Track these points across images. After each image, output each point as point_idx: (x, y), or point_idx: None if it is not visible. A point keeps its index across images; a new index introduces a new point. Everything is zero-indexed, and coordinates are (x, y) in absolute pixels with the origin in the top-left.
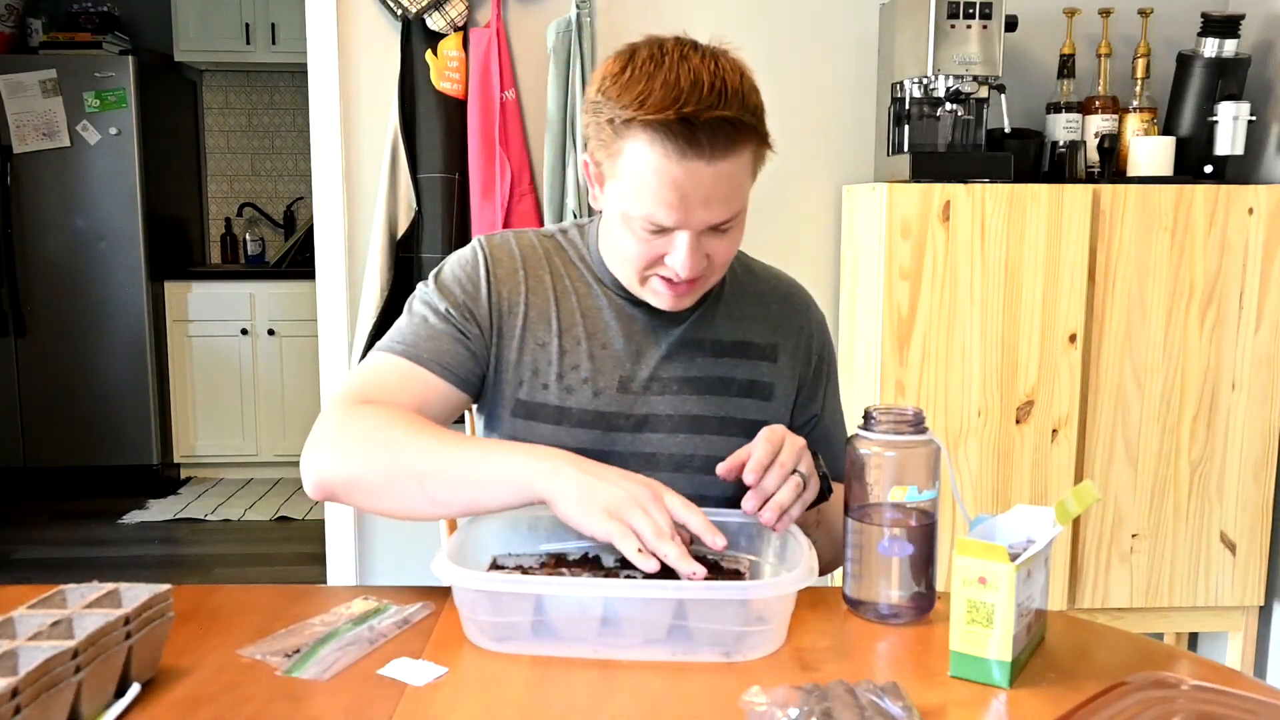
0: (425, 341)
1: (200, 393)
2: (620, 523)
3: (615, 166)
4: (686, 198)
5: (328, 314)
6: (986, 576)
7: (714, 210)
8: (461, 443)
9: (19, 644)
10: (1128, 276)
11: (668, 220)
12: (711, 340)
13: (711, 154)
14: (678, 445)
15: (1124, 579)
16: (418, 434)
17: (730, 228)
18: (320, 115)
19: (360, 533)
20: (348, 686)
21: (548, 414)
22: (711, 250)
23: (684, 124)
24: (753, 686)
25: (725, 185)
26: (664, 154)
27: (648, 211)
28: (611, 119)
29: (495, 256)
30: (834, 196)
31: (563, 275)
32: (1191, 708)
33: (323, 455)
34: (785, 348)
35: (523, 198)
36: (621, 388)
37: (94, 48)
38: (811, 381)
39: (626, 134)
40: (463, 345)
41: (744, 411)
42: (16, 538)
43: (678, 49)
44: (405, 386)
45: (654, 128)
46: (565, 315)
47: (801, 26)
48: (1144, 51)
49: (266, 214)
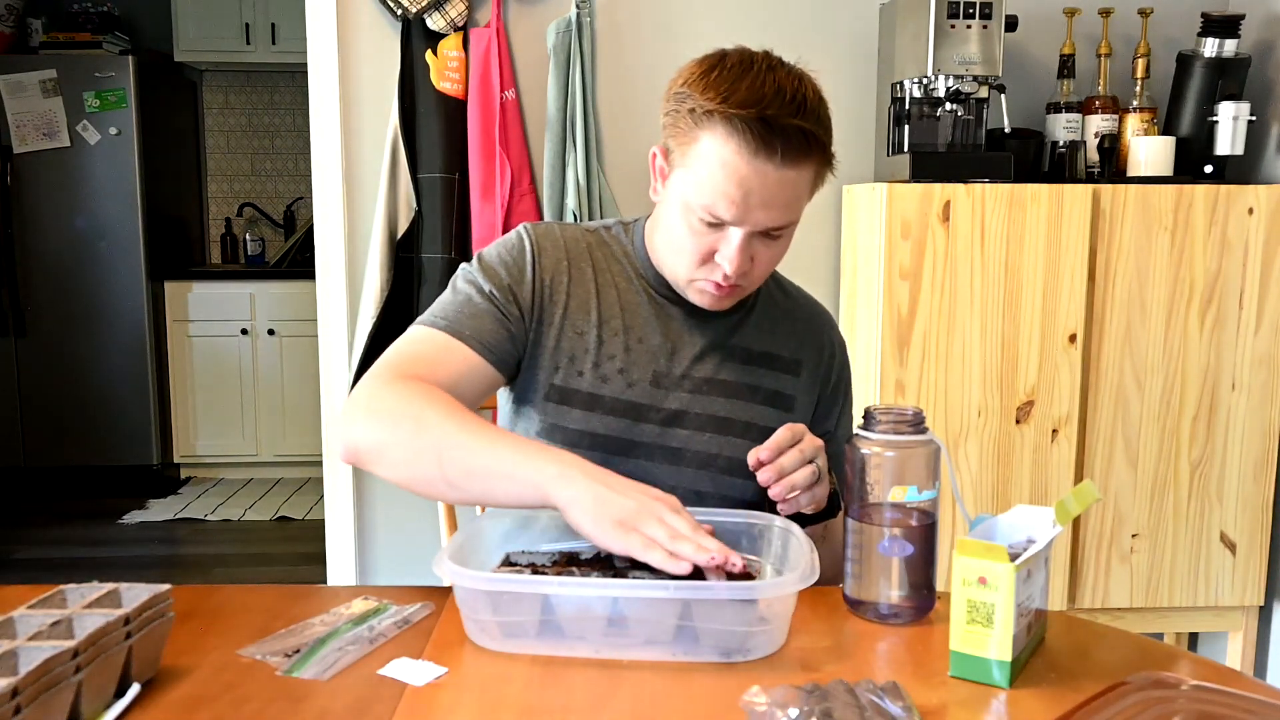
0: (468, 319)
1: (200, 393)
2: (638, 534)
3: (687, 155)
4: (749, 196)
5: (328, 314)
6: (986, 576)
7: (772, 214)
8: (486, 433)
9: (19, 644)
10: (1128, 276)
11: (726, 214)
12: (742, 348)
13: (782, 159)
14: (703, 444)
15: (1124, 579)
16: (446, 416)
17: (780, 237)
18: (320, 115)
19: (360, 533)
20: (348, 686)
21: (580, 400)
22: (758, 255)
23: (763, 124)
24: (753, 686)
25: (788, 192)
26: (737, 149)
27: (709, 202)
28: (694, 109)
29: (541, 245)
30: (834, 196)
31: (605, 269)
32: (1191, 708)
33: (356, 421)
34: (808, 364)
35: (523, 198)
36: (655, 381)
37: (94, 48)
38: (828, 399)
39: (706, 125)
40: (503, 326)
41: (766, 420)
42: (16, 538)
43: (765, 60)
44: (444, 360)
45: (733, 122)
46: (606, 307)
47: (801, 26)
48: (1144, 51)
49: (266, 214)
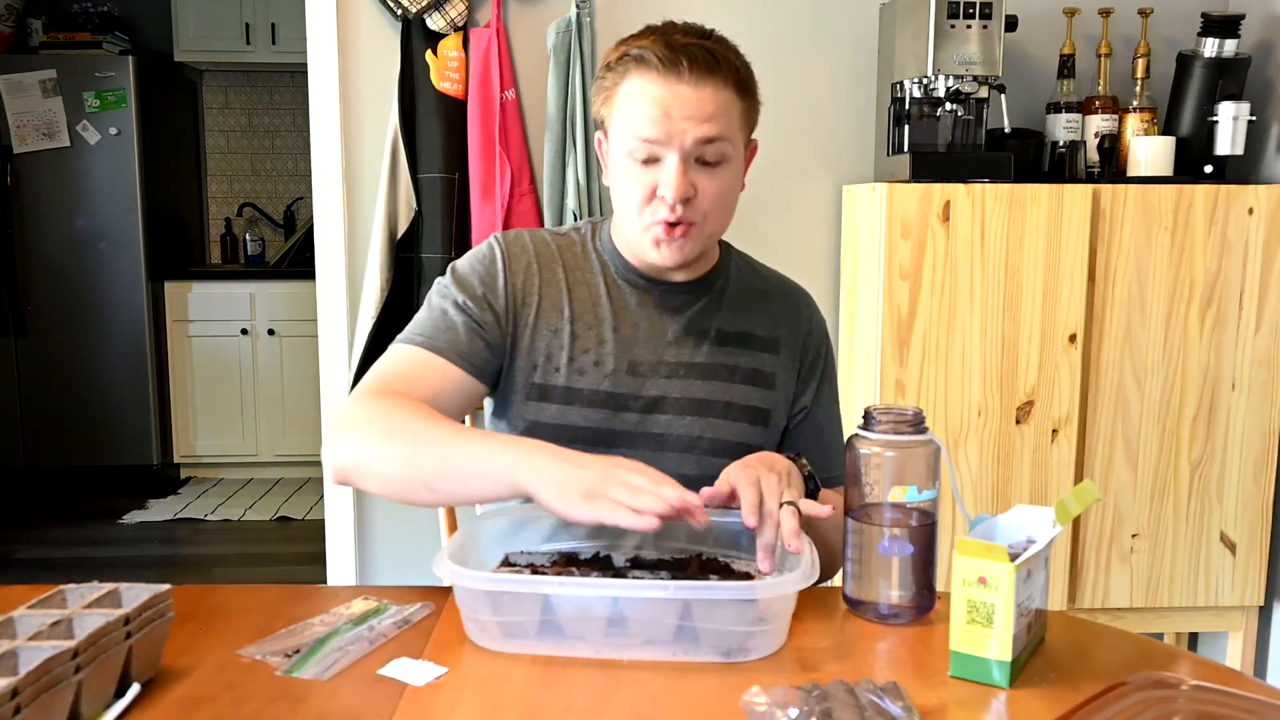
0: (443, 333)
1: (200, 393)
2: (602, 499)
3: (613, 108)
4: (670, 112)
5: (328, 314)
6: (986, 576)
7: (699, 127)
8: (455, 434)
9: (19, 644)
10: (1128, 276)
11: (655, 132)
12: (718, 329)
13: (690, 73)
14: (685, 427)
15: (1124, 579)
16: (418, 424)
17: (718, 163)
18: (320, 115)
19: (360, 533)
20: (348, 686)
21: (558, 395)
22: (700, 186)
23: (665, 46)
24: (753, 686)
25: (708, 106)
26: (649, 77)
27: (636, 129)
28: (609, 66)
29: (510, 251)
30: (834, 196)
31: (575, 268)
32: (1191, 708)
33: (338, 443)
34: (785, 341)
35: (523, 198)
36: (631, 370)
37: (94, 48)
38: (805, 374)
39: (621, 72)
40: (478, 335)
41: (748, 399)
42: (16, 538)
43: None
44: (424, 376)
45: (640, 56)
46: (577, 303)
47: (801, 26)
48: (1144, 51)
49: (266, 214)
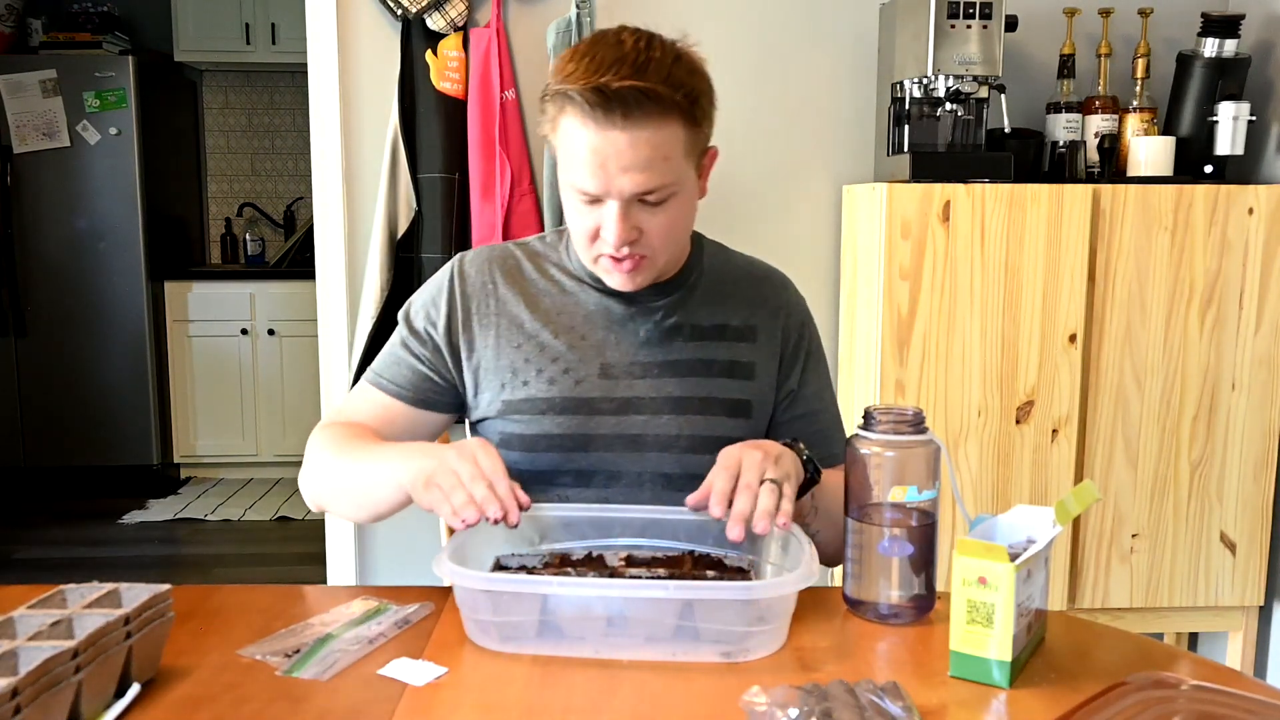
0: (389, 367)
1: (200, 393)
2: (435, 488)
3: (555, 142)
4: (606, 164)
5: (328, 314)
6: (986, 576)
7: (635, 178)
8: (367, 452)
9: (19, 644)
10: (1128, 276)
11: (591, 186)
12: (690, 325)
13: (625, 121)
14: (662, 426)
15: (1124, 579)
16: (341, 448)
17: (662, 201)
18: (320, 115)
19: (360, 533)
20: (348, 686)
21: (531, 406)
22: (644, 225)
23: (597, 93)
24: (753, 686)
25: (644, 153)
26: (583, 122)
27: (575, 178)
28: (547, 96)
29: (465, 272)
30: (834, 196)
31: (537, 279)
32: (1191, 708)
33: (302, 475)
34: (763, 328)
35: (523, 198)
36: (603, 373)
37: (94, 48)
38: (789, 357)
39: (558, 108)
40: (417, 367)
41: (727, 391)
42: (16, 538)
43: (619, 34)
44: (371, 410)
45: (573, 98)
46: (543, 313)
47: (801, 26)
48: (1144, 51)
49: (266, 214)
